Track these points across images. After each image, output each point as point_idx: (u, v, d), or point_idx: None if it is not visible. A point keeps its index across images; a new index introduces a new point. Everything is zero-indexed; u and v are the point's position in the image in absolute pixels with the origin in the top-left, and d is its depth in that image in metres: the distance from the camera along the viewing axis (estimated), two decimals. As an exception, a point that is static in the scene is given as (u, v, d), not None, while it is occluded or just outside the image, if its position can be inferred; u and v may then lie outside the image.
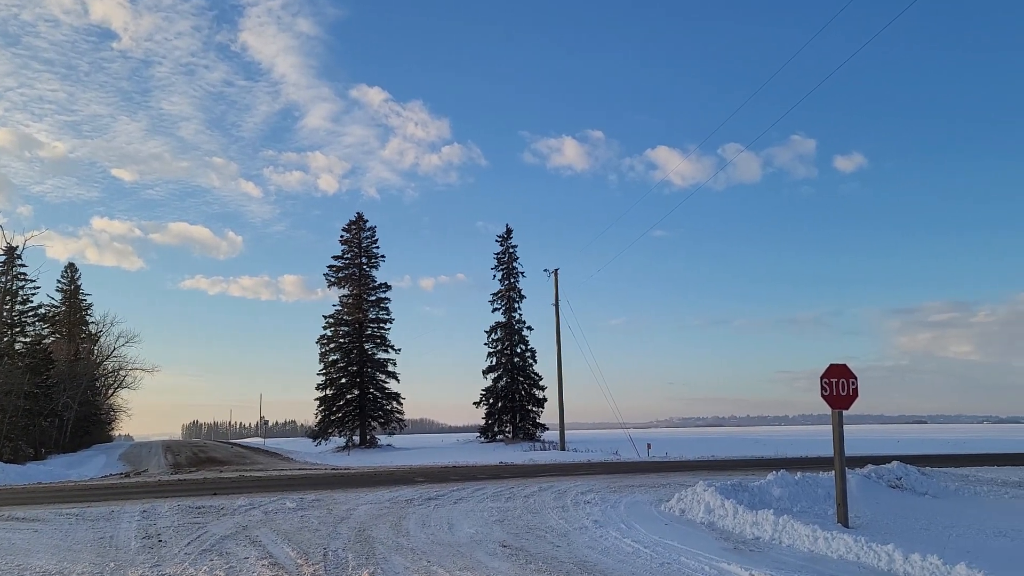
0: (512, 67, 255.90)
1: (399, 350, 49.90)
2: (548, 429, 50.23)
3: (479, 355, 56.05)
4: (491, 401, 50.60)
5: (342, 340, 49.17)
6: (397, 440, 53.52)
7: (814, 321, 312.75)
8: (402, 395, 49.68)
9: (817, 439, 55.41)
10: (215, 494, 17.15)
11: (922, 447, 43.56)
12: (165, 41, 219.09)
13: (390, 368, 49.54)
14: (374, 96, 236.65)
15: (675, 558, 9.55)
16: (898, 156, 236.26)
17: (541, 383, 51.24)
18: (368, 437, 48.17)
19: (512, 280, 52.31)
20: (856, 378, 12.41)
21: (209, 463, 34.56)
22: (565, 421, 43.41)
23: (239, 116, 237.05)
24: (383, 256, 50.94)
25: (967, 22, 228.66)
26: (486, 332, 52.05)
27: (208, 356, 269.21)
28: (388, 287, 50.89)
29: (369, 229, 50.60)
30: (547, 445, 43.66)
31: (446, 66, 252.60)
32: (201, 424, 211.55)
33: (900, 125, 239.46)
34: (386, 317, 50.41)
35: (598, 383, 73.85)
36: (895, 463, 18.12)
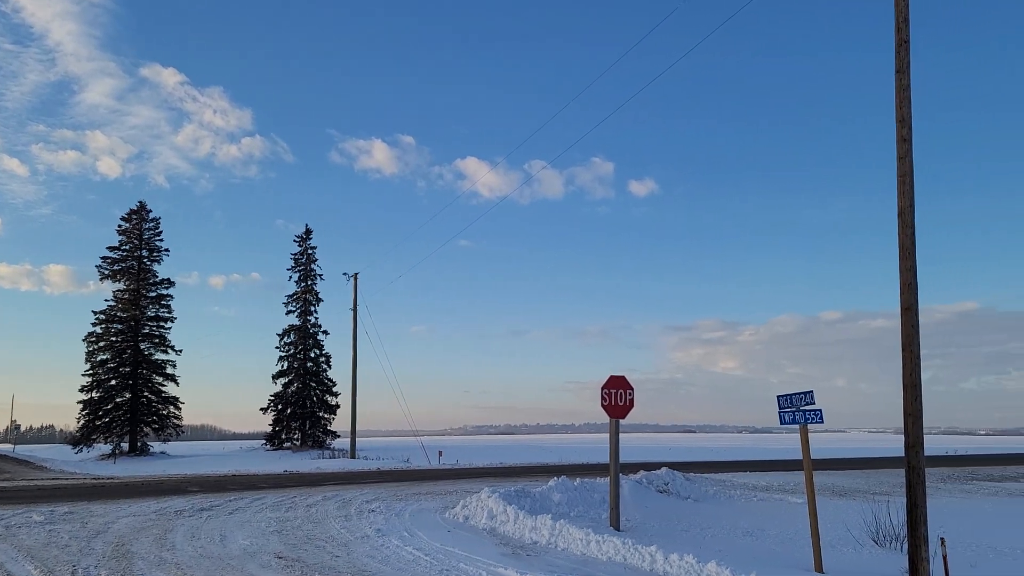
0: (324, 63, 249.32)
1: (180, 351, 46.56)
2: (340, 436, 49.03)
3: (271, 359, 53.58)
4: (280, 407, 48.54)
5: (114, 339, 44.97)
6: (173, 447, 49.77)
7: (602, 334, 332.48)
8: (181, 399, 46.36)
9: (599, 447, 58.59)
10: (-59, 509, 14.94)
11: (689, 455, 47.37)
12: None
13: (169, 370, 46.03)
14: (168, 77, 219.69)
15: (454, 564, 9.58)
16: (686, 184, 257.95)
17: (335, 389, 49.98)
18: (139, 444, 44.37)
19: (310, 282, 50.64)
20: (633, 389, 13.19)
21: (-60, 474, 30.10)
22: (358, 428, 42.61)
23: (2, 83, 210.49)
24: (167, 250, 47.29)
25: (752, 62, 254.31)
26: (279, 335, 49.97)
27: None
28: (171, 283, 47.31)
29: (153, 220, 46.81)
30: (337, 453, 42.59)
31: (253, 54, 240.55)
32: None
33: (688, 155, 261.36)
34: (167, 315, 46.80)
35: (394, 390, 73.34)
36: (664, 469, 19.50)
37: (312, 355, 49.99)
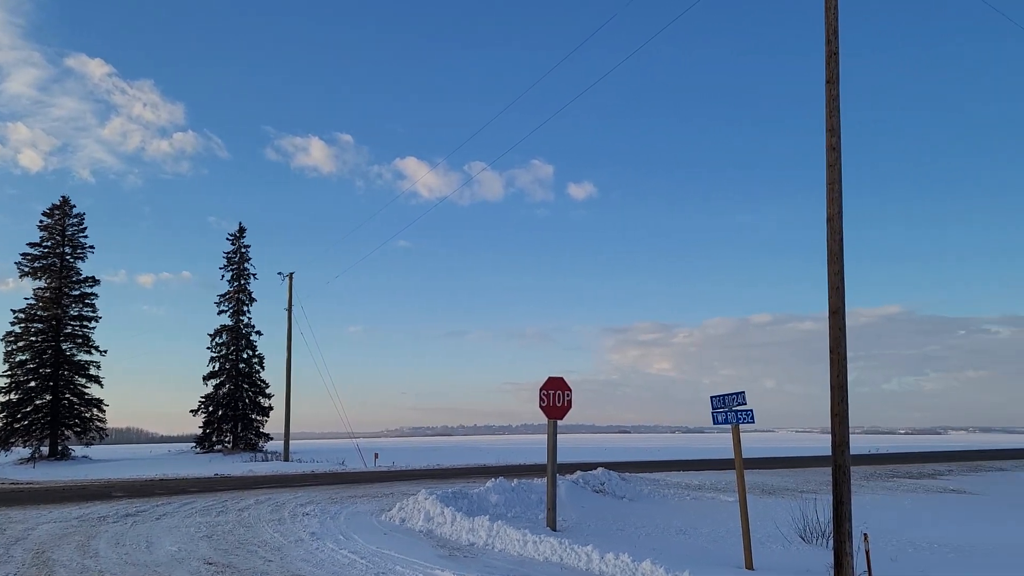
0: (260, 58, 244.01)
1: (105, 352, 44.92)
2: (273, 439, 48.06)
3: (202, 360, 52.14)
4: (211, 409, 47.27)
5: (34, 338, 43.10)
6: (96, 451, 48.01)
7: (541, 335, 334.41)
8: (105, 401, 44.72)
9: (537, 447, 58.84)
10: None
11: (625, 455, 47.99)
12: None
13: (92, 371, 44.36)
14: (95, 68, 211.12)
15: (390, 567, 9.48)
16: (623, 187, 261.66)
17: (268, 391, 48.95)
18: (60, 448, 42.63)
19: (243, 282, 49.48)
20: (571, 390, 13.29)
21: None
22: (292, 431, 41.83)
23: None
24: (92, 247, 45.54)
25: (689, 68, 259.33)
26: (210, 335, 48.69)
27: None
28: (96, 281, 45.57)
29: (77, 215, 45.01)
30: (270, 456, 41.73)
31: (186, 47, 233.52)
32: None
33: (626, 159, 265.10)
34: (91, 315, 45.08)
35: (329, 391, 72.18)
36: (600, 470, 19.69)
37: (245, 356, 48.90)
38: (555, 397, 13.04)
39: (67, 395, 43.71)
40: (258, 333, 49.41)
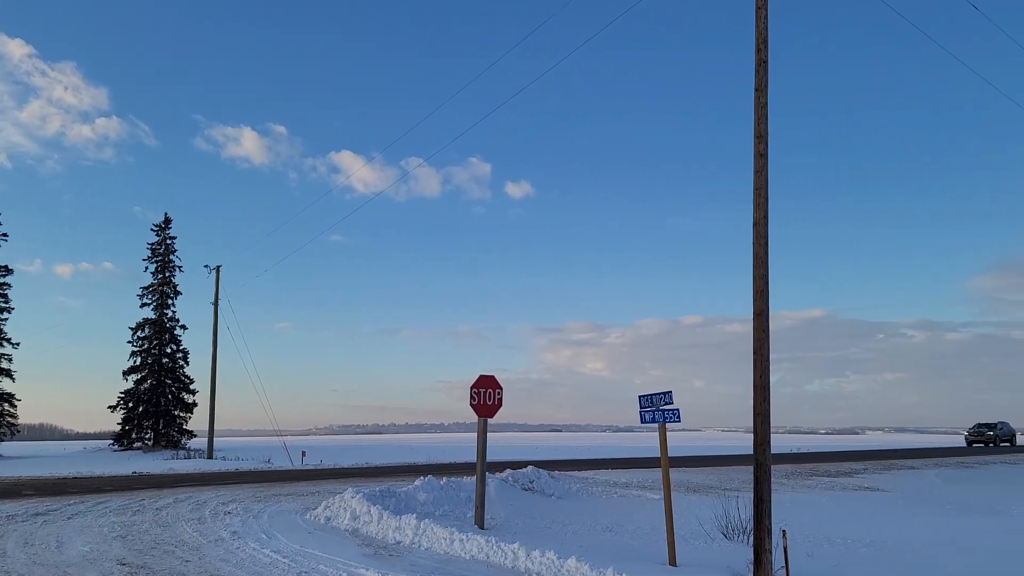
0: (191, 44, 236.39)
1: (18, 344, 42.97)
2: (197, 436, 46.76)
3: (123, 354, 50.32)
4: (130, 405, 45.64)
5: (-60, 329, 41.00)
6: (7, 448, 45.79)
7: (475, 334, 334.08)
8: (17, 396, 42.77)
9: (469, 446, 58.75)
10: None
11: (556, 453, 48.32)
12: None
13: (3, 365, 42.39)
14: (14, 49, 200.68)
15: (313, 566, 9.31)
16: (559, 187, 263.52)
17: (192, 387, 47.60)
18: (-33, 445, 40.62)
19: (168, 274, 47.98)
20: (502, 389, 13.29)
21: None
22: (218, 428, 40.75)
23: None
24: (5, 235, 43.42)
25: (625, 69, 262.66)
26: (131, 329, 47.05)
27: None
28: (9, 271, 43.54)
29: (-10, 199, 43.04)
30: (193, 453, 40.52)
31: (112, 31, 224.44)
32: None
33: (562, 158, 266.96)
34: (3, 305, 43.02)
35: (256, 388, 70.46)
36: (530, 468, 19.76)
37: (168, 351, 47.45)
38: (486, 395, 13.03)
39: (-25, 389, 41.68)
40: (183, 327, 48.07)
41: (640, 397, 10.70)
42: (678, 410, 10.19)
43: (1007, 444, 53.48)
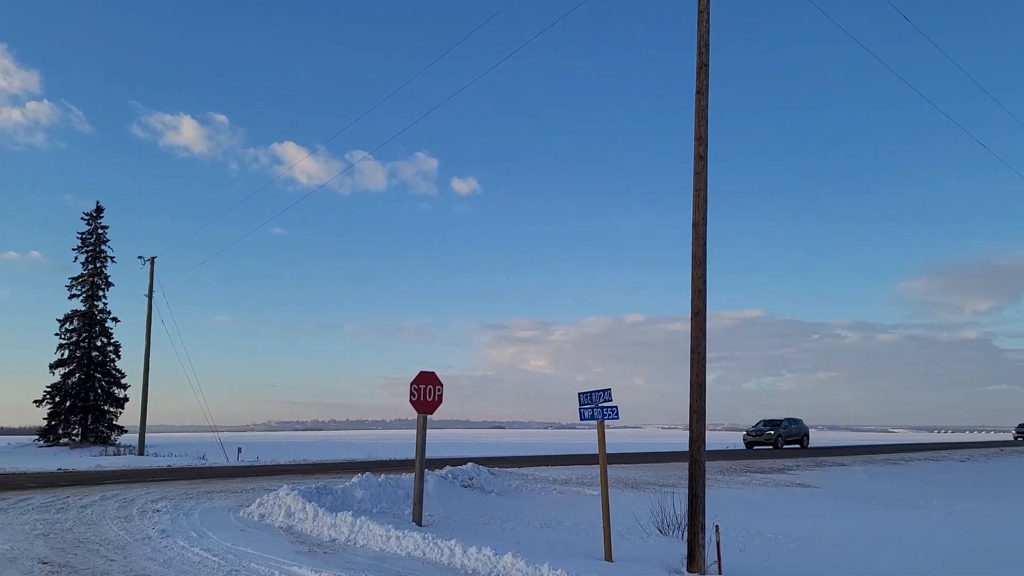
0: (129, 28, 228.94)
1: (-63, 335, 41.16)
2: (128, 432, 45.36)
3: (50, 347, 48.49)
4: (57, 400, 43.98)
5: None
6: (-78, 444, 43.76)
7: (420, 331, 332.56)
8: (-65, 389, 40.96)
9: (410, 442, 58.15)
10: None
11: (497, 450, 48.35)
12: None
13: (-79, 356, 40.58)
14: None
15: (244, 564, 9.10)
16: (505, 184, 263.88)
17: (124, 381, 46.15)
18: None
19: (99, 265, 46.37)
20: (442, 385, 13.22)
21: None
22: (152, 424, 39.70)
23: None
24: (-74, 218, 41.58)
25: (570, 68, 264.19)
26: (59, 321, 45.34)
27: None
28: (-71, 257, 41.64)
29: (-92, 183, 40.97)
30: (123, 450, 39.27)
31: (44, 10, 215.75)
32: None
33: (509, 156, 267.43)
34: (-78, 293, 41.18)
35: (191, 383, 68.75)
36: (470, 464, 19.73)
37: (99, 344, 45.91)
38: (426, 392, 12.94)
39: None
40: (114, 320, 46.57)
41: (580, 394, 10.76)
42: (616, 407, 10.28)
43: (795, 445, 47.79)
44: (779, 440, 46.74)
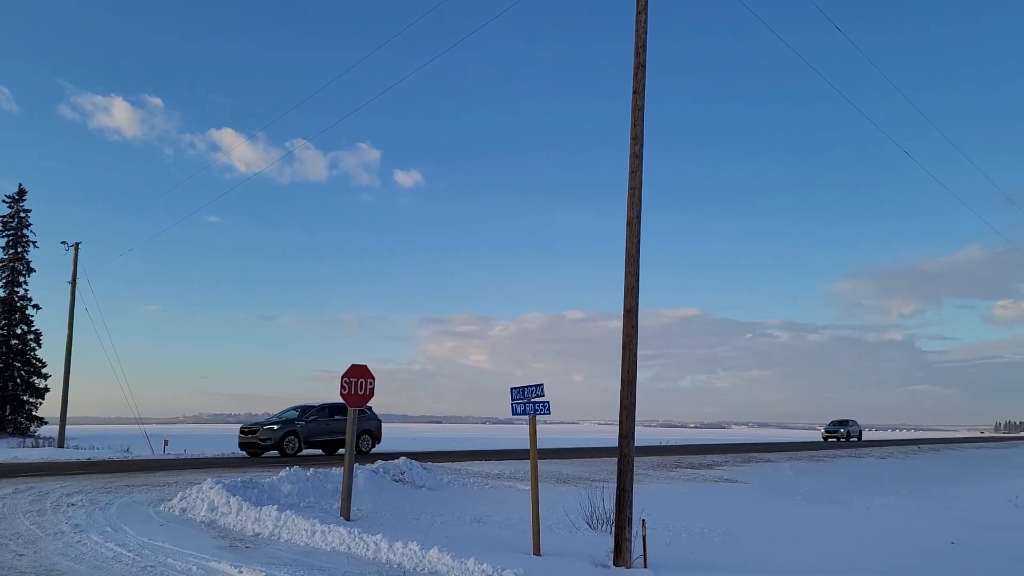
0: (61, 5, 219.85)
1: None
2: (49, 423, 43.69)
3: (-36, 333, 46.16)
4: (-28, 389, 42.22)
5: None
6: None
7: (359, 324, 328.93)
8: None
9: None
10: None
11: (433, 444, 48.12)
12: None
13: None
14: None
15: (161, 560, 8.82)
16: (448, 179, 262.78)
17: (44, 371, 44.46)
18: None
19: (20, 250, 44.57)
20: (374, 379, 13.07)
21: None
22: (75, 415, 38.25)
23: None
24: None
25: (511, 65, 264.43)
26: (-24, 306, 43.42)
27: None
28: None
29: None
30: (42, 441, 37.80)
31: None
32: None
33: (452, 151, 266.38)
34: None
35: (116, 373, 66.39)
36: (402, 459, 19.53)
37: (18, 331, 44.15)
38: (357, 385, 12.78)
39: None
40: (36, 307, 44.89)
41: (512, 389, 10.76)
42: (548, 403, 10.31)
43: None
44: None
